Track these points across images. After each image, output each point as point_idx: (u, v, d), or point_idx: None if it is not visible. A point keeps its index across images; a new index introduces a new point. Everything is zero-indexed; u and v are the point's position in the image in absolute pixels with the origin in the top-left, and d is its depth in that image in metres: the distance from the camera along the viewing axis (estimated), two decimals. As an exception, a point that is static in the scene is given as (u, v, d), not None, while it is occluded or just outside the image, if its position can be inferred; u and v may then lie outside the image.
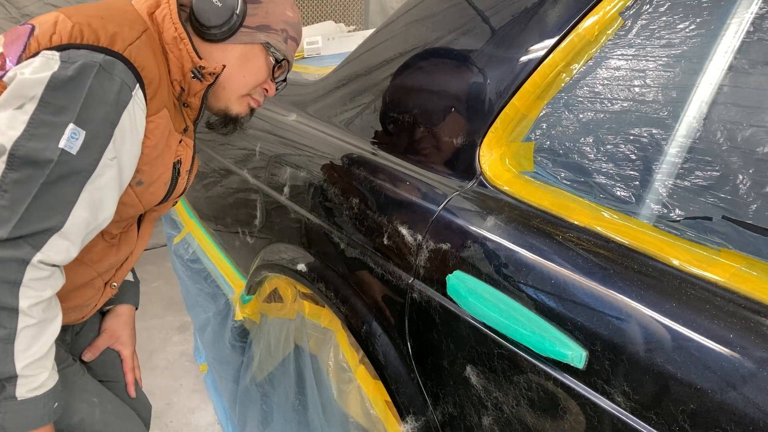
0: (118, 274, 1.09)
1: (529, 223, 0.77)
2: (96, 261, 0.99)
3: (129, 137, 0.83)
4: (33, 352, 0.78)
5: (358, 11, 4.20)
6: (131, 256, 1.09)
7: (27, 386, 0.79)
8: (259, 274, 1.33)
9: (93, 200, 0.80)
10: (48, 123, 0.74)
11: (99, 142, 0.78)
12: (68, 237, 0.79)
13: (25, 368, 0.77)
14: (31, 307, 0.77)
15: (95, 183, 0.80)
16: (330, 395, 1.13)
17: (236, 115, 1.03)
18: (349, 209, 1.04)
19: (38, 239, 0.76)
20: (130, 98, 0.81)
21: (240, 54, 0.96)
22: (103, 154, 0.79)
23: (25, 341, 0.77)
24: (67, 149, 0.75)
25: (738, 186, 0.64)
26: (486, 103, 0.89)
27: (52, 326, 0.81)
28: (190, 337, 2.43)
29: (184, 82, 0.93)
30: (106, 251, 1.01)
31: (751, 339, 0.55)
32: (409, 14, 1.15)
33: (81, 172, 0.78)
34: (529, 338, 0.70)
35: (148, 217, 1.09)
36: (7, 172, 0.73)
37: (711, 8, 0.71)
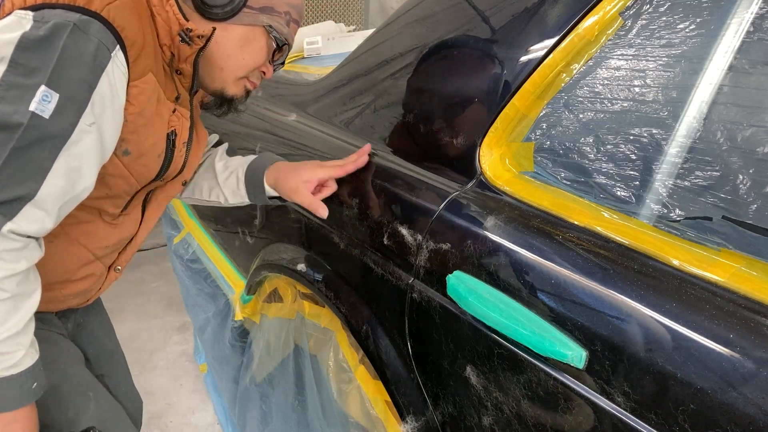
0: (121, 258, 1.05)
1: (529, 223, 0.77)
2: (94, 242, 0.95)
3: (110, 102, 0.78)
4: (7, 328, 0.74)
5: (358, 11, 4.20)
6: (135, 238, 1.04)
7: (3, 364, 0.74)
8: (259, 274, 1.33)
9: (70, 168, 0.76)
10: (18, 85, 0.70)
11: (75, 105, 0.74)
12: (42, 206, 0.74)
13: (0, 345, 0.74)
14: (3, 280, 0.73)
15: (72, 150, 0.75)
16: (330, 395, 1.13)
17: (232, 97, 1.00)
18: (349, 209, 1.04)
19: (9, 208, 0.72)
20: (109, 60, 0.76)
21: (240, 35, 0.92)
22: (80, 119, 0.75)
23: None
24: (38, 112, 0.71)
25: (738, 186, 0.64)
26: (486, 103, 0.89)
27: (29, 301, 0.77)
28: (190, 337, 2.43)
29: (174, 46, 0.89)
30: (105, 232, 0.96)
31: (751, 339, 0.55)
32: (409, 14, 1.15)
33: (55, 137, 0.73)
34: (529, 338, 0.70)
35: (155, 198, 1.04)
36: None
37: (711, 8, 0.71)
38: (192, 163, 1.06)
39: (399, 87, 1.08)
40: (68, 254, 0.93)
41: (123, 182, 0.91)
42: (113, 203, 0.94)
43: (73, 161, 0.76)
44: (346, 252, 1.05)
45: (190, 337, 2.43)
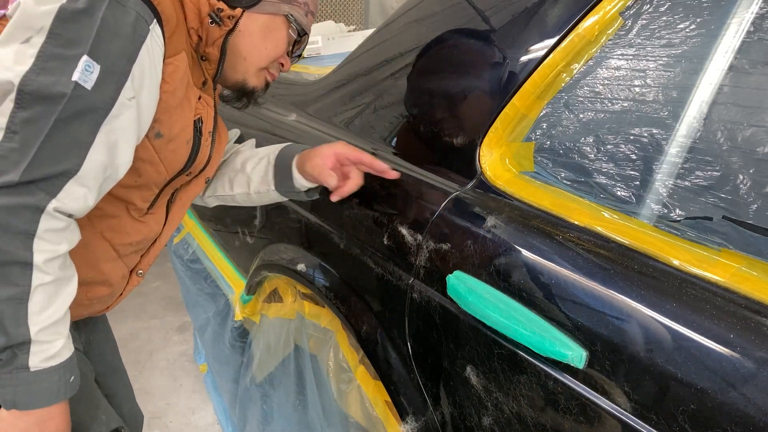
0: (144, 261, 1.02)
1: (529, 223, 0.77)
2: (119, 238, 0.93)
3: (148, 76, 0.76)
4: (48, 314, 0.71)
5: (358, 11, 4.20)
6: (158, 240, 1.02)
7: (41, 354, 0.71)
8: (259, 274, 1.33)
9: (109, 143, 0.74)
10: (59, 56, 0.68)
11: (116, 78, 0.72)
12: (85, 182, 0.72)
13: (40, 333, 0.70)
14: (47, 263, 0.70)
15: (112, 124, 0.73)
16: (330, 395, 1.13)
17: (252, 89, 0.98)
18: (349, 209, 1.04)
19: (53, 184, 0.69)
20: (148, 33, 0.74)
21: (263, 24, 0.92)
22: (120, 92, 0.73)
23: (39, 302, 0.70)
24: (81, 83, 0.69)
25: (738, 186, 0.64)
26: (486, 103, 0.89)
27: (68, 287, 0.74)
28: (190, 337, 2.43)
29: (202, 29, 0.87)
30: (130, 227, 0.94)
31: (751, 339, 0.55)
32: (409, 14, 1.15)
33: (97, 109, 0.71)
34: (529, 338, 0.70)
35: (179, 198, 1.02)
36: (17, 111, 0.67)
37: (711, 8, 0.71)
38: (215, 158, 1.04)
39: (399, 87, 1.08)
40: (93, 249, 0.91)
41: (153, 170, 0.89)
42: (141, 195, 0.92)
43: (112, 136, 0.74)
44: (346, 252, 1.05)
45: (190, 337, 2.43)
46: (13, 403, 0.71)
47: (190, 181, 1.02)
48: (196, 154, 0.95)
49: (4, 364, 0.70)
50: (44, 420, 0.74)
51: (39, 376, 0.71)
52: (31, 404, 0.72)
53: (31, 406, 0.72)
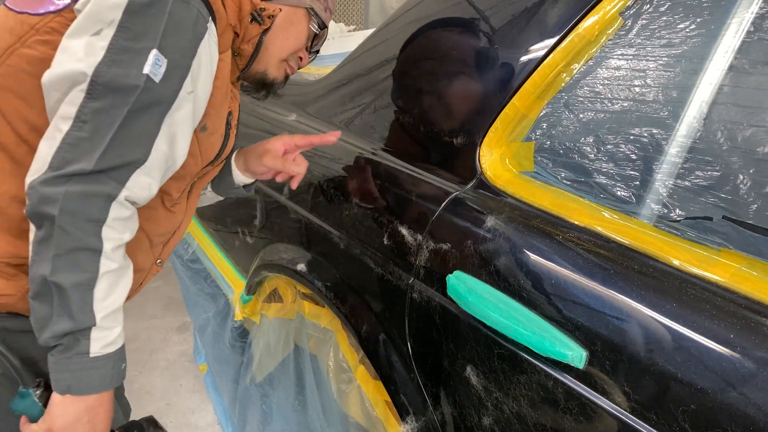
0: (165, 250, 1.03)
1: (529, 223, 0.77)
2: (154, 228, 0.94)
3: (204, 71, 0.79)
4: (111, 301, 0.74)
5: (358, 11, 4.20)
6: (179, 228, 1.03)
7: (102, 341, 0.73)
8: (259, 274, 1.33)
9: (170, 135, 0.76)
10: (129, 49, 0.70)
11: (179, 72, 0.74)
12: (150, 173, 0.75)
13: (104, 319, 0.73)
14: (114, 250, 0.73)
15: (174, 116, 0.76)
16: (330, 395, 1.13)
17: (272, 80, 1.00)
18: (349, 209, 1.04)
19: (122, 174, 0.72)
20: (206, 30, 0.77)
21: (286, 16, 0.93)
22: (182, 86, 0.75)
23: (104, 289, 0.72)
24: (152, 76, 0.71)
25: (738, 186, 0.64)
26: (486, 103, 0.89)
27: (127, 276, 0.77)
28: (190, 337, 2.43)
29: (240, 27, 0.89)
30: (164, 217, 0.95)
31: (751, 339, 0.55)
32: (409, 14, 1.15)
33: (162, 102, 0.74)
34: (529, 338, 0.70)
35: (196, 187, 1.03)
36: (87, 101, 0.69)
37: (711, 8, 0.71)
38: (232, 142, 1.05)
39: (399, 87, 1.08)
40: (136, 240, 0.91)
41: (193, 161, 0.90)
42: (177, 186, 0.93)
43: (173, 128, 0.77)
44: (346, 252, 1.05)
45: (190, 337, 2.43)
46: (68, 388, 0.73)
47: (208, 170, 1.03)
48: (225, 145, 0.97)
49: (64, 350, 0.72)
50: (95, 407, 0.75)
51: (96, 363, 0.73)
52: (86, 390, 0.74)
53: (86, 392, 0.74)
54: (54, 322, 0.71)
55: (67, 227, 0.69)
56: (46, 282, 0.70)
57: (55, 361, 0.72)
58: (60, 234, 0.69)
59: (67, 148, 0.69)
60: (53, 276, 0.69)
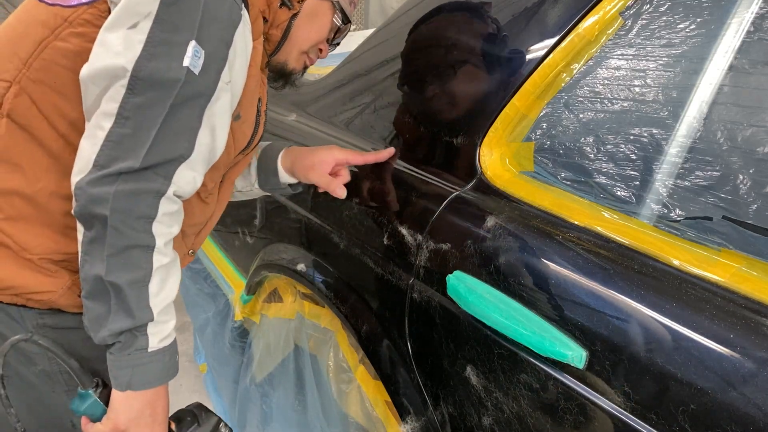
0: (197, 240, 1.02)
1: (529, 223, 0.77)
2: (189, 219, 0.92)
3: (239, 60, 0.78)
4: (164, 295, 0.74)
5: (358, 11, 4.20)
6: (212, 218, 1.02)
7: (159, 335, 0.74)
8: (259, 274, 1.33)
9: (211, 126, 0.76)
10: (167, 41, 0.69)
11: (217, 63, 0.73)
12: (194, 166, 0.75)
13: (160, 314, 0.73)
14: (166, 245, 0.73)
15: (213, 108, 0.75)
16: (330, 395, 1.13)
17: (291, 71, 0.99)
18: (349, 209, 1.04)
19: (168, 169, 0.71)
20: (240, 18, 0.75)
21: (311, 8, 0.92)
22: (220, 77, 0.74)
23: (156, 284, 0.73)
24: (192, 68, 0.70)
25: (738, 186, 0.64)
26: (486, 103, 0.89)
27: (176, 268, 0.77)
28: (190, 337, 2.42)
29: (269, 12, 0.87)
30: (198, 208, 0.94)
31: (751, 339, 0.55)
32: (409, 14, 1.15)
33: (202, 95, 0.73)
34: (529, 338, 0.70)
35: (228, 177, 1.02)
36: (129, 97, 0.68)
37: (711, 8, 0.71)
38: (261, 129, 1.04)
39: (399, 87, 1.08)
40: None
41: (225, 151, 0.89)
42: (212, 177, 0.92)
43: (213, 120, 0.76)
44: (346, 252, 1.05)
45: (190, 337, 2.42)
46: (128, 385, 0.73)
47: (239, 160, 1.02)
48: (256, 132, 0.95)
49: (123, 347, 0.72)
50: (154, 400, 0.76)
51: (154, 357, 0.74)
52: (146, 384, 0.74)
53: (146, 386, 0.74)
54: (111, 320, 0.71)
55: (119, 226, 0.69)
56: (102, 281, 0.70)
57: (115, 358, 0.73)
58: (113, 233, 0.69)
59: (111, 145, 0.68)
60: (109, 275, 0.69)
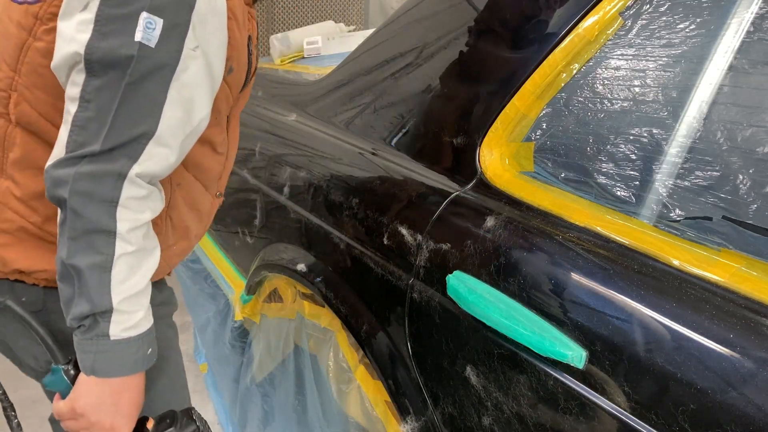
0: (221, 182, 1.00)
1: (529, 223, 0.77)
2: (206, 175, 0.92)
3: (210, 21, 0.73)
4: (131, 285, 0.72)
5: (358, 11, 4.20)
6: (228, 160, 0.99)
7: (122, 324, 0.72)
8: (259, 274, 1.33)
9: (183, 99, 0.72)
10: (117, 17, 0.65)
11: (177, 29, 0.68)
12: (164, 142, 0.71)
13: (122, 302, 0.71)
14: (130, 231, 0.70)
15: (182, 79, 0.71)
16: (330, 395, 1.13)
17: None
18: (349, 209, 1.04)
19: (133, 148, 0.69)
20: None
21: None
22: (183, 45, 0.69)
23: (122, 271, 0.71)
24: (145, 42, 0.66)
25: (738, 186, 0.64)
26: (486, 103, 0.89)
27: (151, 259, 0.75)
28: (190, 337, 2.42)
29: None
30: (215, 162, 0.93)
31: (751, 339, 0.55)
32: (409, 14, 1.15)
33: (164, 66, 0.69)
34: (529, 338, 0.70)
35: (234, 116, 0.97)
36: (89, 80, 0.66)
37: (711, 8, 0.71)
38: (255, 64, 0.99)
39: (399, 87, 1.08)
40: (191, 192, 0.91)
41: (226, 102, 0.87)
42: (219, 130, 0.90)
43: (185, 92, 0.72)
44: (346, 252, 1.05)
45: (190, 337, 2.42)
46: (92, 369, 0.73)
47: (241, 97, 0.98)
48: (249, 72, 0.92)
49: (86, 330, 0.72)
50: (119, 390, 0.75)
51: (118, 346, 0.73)
52: (108, 372, 0.73)
53: (109, 374, 0.73)
54: (75, 304, 0.71)
55: (78, 209, 0.67)
56: (64, 264, 0.69)
57: (78, 341, 0.73)
58: (72, 216, 0.68)
59: (77, 130, 0.67)
60: (69, 258, 0.69)
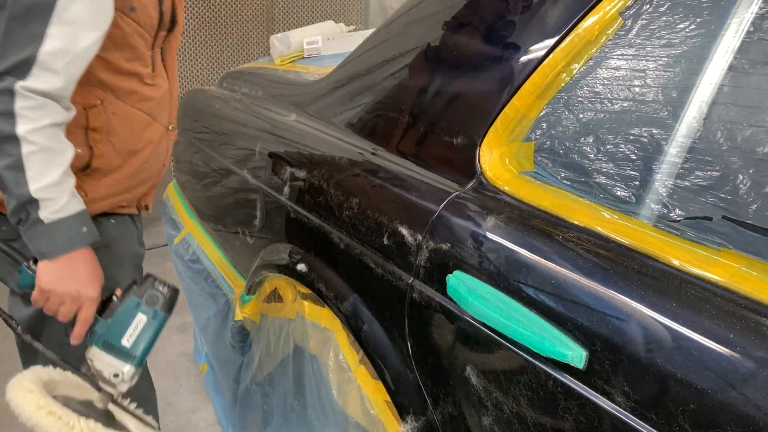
0: (172, 115, 1.19)
1: (529, 223, 0.77)
2: (146, 103, 1.08)
3: None
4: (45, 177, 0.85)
5: (358, 11, 4.20)
6: (171, 91, 1.17)
7: (49, 209, 0.86)
8: (259, 274, 1.33)
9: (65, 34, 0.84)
10: None
11: None
12: (49, 67, 0.84)
13: (40, 191, 0.85)
14: (30, 133, 0.83)
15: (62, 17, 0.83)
16: (330, 395, 1.13)
17: None
18: (349, 209, 1.04)
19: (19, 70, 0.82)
20: None
21: None
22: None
23: (34, 167, 0.84)
24: None
25: (738, 186, 0.64)
26: (486, 103, 0.89)
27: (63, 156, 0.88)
28: (190, 337, 2.43)
29: None
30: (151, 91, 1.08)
31: (751, 339, 0.55)
32: (409, 14, 1.15)
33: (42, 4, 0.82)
34: (529, 338, 0.70)
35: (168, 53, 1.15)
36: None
37: (711, 8, 0.71)
38: (180, 13, 1.15)
39: (399, 87, 1.08)
40: (134, 121, 1.07)
41: (140, 39, 1.02)
42: (142, 63, 1.06)
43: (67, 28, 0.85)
44: (346, 252, 1.05)
45: (190, 337, 2.42)
46: (41, 254, 0.89)
47: (170, 37, 1.14)
48: (163, 12, 1.06)
49: (25, 222, 0.87)
50: (71, 264, 0.90)
51: (54, 227, 0.87)
52: (54, 251, 0.89)
53: (55, 253, 0.89)
54: (7, 203, 0.87)
55: None
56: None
57: (23, 234, 0.89)
58: None
59: None
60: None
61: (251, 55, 3.47)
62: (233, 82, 1.75)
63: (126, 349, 0.94)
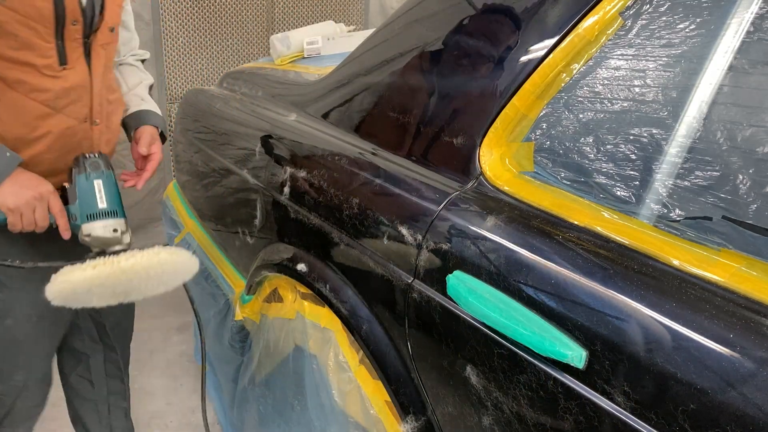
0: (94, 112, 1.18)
1: (529, 223, 0.77)
2: (42, 95, 1.08)
3: None
4: None
5: (358, 11, 4.20)
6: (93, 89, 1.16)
7: None
8: (259, 274, 1.33)
9: None
10: None
11: None
12: None
13: None
14: None
15: None
16: (330, 395, 1.13)
17: None
18: (349, 209, 1.04)
19: None
20: None
21: None
22: None
23: None
24: None
25: (738, 186, 0.64)
26: (486, 103, 0.89)
27: None
28: (190, 337, 2.43)
29: None
30: (50, 83, 1.08)
31: (751, 339, 0.55)
32: (409, 14, 1.15)
33: None
34: (529, 338, 0.70)
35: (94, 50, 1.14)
36: None
37: (711, 8, 0.71)
38: (111, 8, 1.14)
39: (399, 87, 1.08)
40: (24, 109, 1.09)
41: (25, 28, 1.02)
42: (38, 54, 1.06)
43: None
44: (346, 252, 1.05)
45: (190, 337, 2.42)
46: None
47: (95, 32, 1.13)
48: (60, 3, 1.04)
49: None
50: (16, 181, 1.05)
51: None
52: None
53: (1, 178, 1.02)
54: None
55: None
56: None
57: None
58: None
59: None
60: None
61: (251, 55, 3.47)
62: (233, 82, 1.75)
63: (106, 209, 1.13)
